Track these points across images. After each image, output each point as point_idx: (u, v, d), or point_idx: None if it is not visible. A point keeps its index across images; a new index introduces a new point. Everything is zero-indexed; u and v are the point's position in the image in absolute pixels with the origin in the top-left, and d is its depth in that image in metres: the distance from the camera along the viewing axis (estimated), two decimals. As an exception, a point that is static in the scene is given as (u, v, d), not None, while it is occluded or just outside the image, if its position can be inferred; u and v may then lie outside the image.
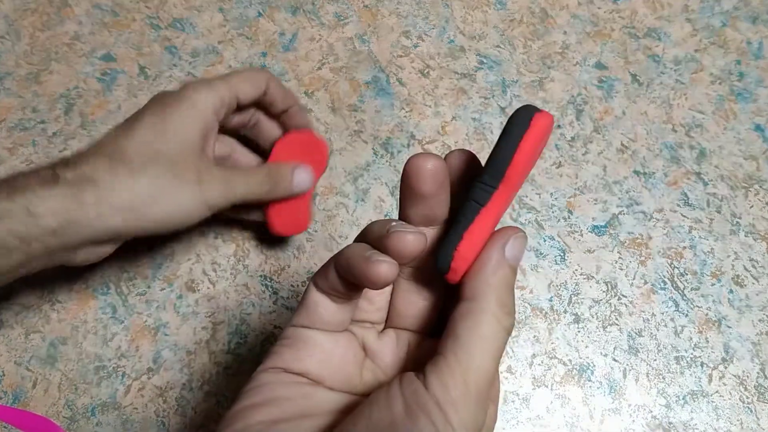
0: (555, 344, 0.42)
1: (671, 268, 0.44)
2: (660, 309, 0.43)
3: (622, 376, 0.42)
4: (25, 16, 0.51)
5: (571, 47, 0.51)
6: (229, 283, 0.43)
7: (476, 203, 0.22)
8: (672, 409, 0.41)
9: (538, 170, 0.47)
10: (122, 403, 0.40)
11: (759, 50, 0.51)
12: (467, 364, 0.20)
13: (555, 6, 0.52)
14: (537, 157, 0.22)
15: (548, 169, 0.47)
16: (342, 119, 0.48)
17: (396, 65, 0.50)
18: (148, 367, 0.41)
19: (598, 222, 0.46)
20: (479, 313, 0.20)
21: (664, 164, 0.47)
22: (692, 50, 0.51)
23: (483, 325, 0.20)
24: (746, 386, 0.42)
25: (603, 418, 0.41)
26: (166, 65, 0.49)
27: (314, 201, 0.46)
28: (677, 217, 0.46)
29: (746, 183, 0.47)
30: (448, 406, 0.19)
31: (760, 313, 0.43)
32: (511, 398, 0.41)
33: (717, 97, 0.49)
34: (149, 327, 0.42)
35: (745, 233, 0.45)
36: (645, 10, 0.52)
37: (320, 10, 0.52)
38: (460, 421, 0.19)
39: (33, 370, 0.41)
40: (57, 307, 0.42)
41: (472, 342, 0.20)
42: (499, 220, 0.22)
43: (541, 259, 0.44)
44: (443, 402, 0.19)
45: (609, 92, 0.49)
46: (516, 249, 0.22)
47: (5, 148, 0.46)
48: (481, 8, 0.52)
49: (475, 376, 0.20)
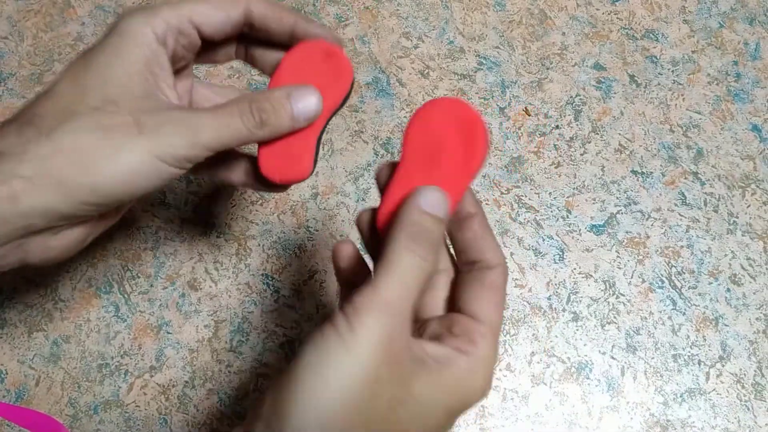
0: (554, 342, 0.43)
1: (669, 266, 0.45)
2: (658, 307, 0.44)
3: (620, 374, 0.42)
4: (28, 17, 0.51)
5: (570, 48, 0.51)
6: (231, 281, 0.44)
7: (390, 179, 0.27)
8: (670, 407, 0.41)
9: (537, 170, 0.47)
10: (125, 401, 0.41)
11: (756, 51, 0.52)
12: (374, 283, 0.22)
13: (554, 7, 0.53)
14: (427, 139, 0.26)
15: (547, 168, 0.47)
16: (343, 119, 0.48)
17: (396, 66, 0.50)
18: (150, 365, 0.42)
19: (596, 221, 0.46)
20: (387, 244, 0.23)
21: (661, 164, 0.48)
22: (689, 51, 0.51)
23: (390, 253, 0.23)
24: (743, 384, 0.42)
25: (601, 415, 0.41)
26: (168, 66, 0.50)
27: (316, 200, 0.46)
28: (675, 216, 0.46)
29: (743, 183, 0.47)
30: (352, 316, 0.21)
31: (757, 312, 0.44)
32: (510, 396, 0.41)
33: (714, 97, 0.50)
34: (152, 325, 0.42)
35: (742, 232, 0.46)
36: (643, 12, 0.53)
37: (321, 12, 0.52)
38: (363, 326, 0.21)
39: (36, 369, 0.41)
40: (60, 305, 0.43)
41: (379, 267, 0.23)
42: (413, 184, 0.25)
43: (540, 258, 0.45)
44: (349, 313, 0.21)
45: (607, 93, 0.50)
46: (424, 198, 0.24)
47: (8, 148, 0.47)
48: (481, 10, 0.52)
49: (377, 291, 0.22)
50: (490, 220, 0.45)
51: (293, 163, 0.30)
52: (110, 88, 0.26)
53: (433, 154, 0.26)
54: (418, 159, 0.27)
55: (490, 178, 0.47)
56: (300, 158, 0.30)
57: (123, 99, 0.26)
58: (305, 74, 0.30)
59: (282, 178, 0.30)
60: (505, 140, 0.48)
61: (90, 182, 0.25)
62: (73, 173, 0.25)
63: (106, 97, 0.25)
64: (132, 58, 0.26)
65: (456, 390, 0.23)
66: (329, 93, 0.29)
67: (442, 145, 0.26)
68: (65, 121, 0.25)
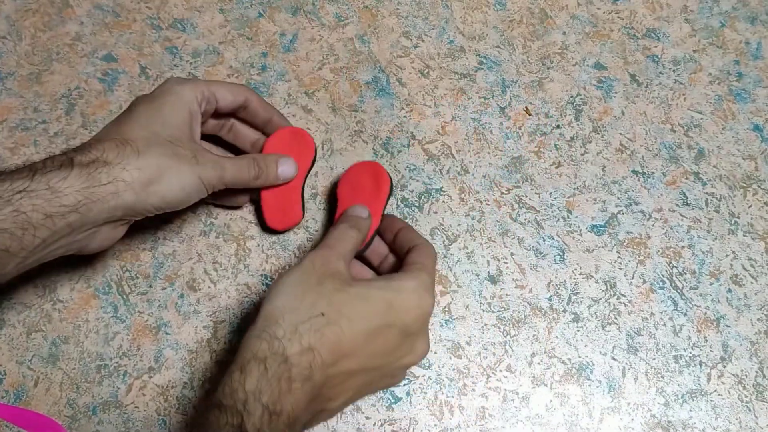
0: (554, 343, 0.43)
1: (670, 267, 0.45)
2: (659, 308, 0.44)
3: (621, 374, 0.42)
4: (26, 17, 0.51)
5: (571, 47, 0.51)
6: (230, 282, 0.44)
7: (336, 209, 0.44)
8: (671, 408, 0.41)
9: (538, 170, 0.47)
10: (124, 401, 0.40)
11: (757, 50, 0.51)
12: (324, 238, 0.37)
13: (554, 6, 0.52)
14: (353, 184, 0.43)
15: (547, 169, 0.47)
16: (342, 119, 0.48)
17: (396, 65, 0.50)
18: (149, 366, 0.41)
19: (597, 221, 0.46)
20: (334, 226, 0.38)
21: (662, 164, 0.47)
22: (691, 50, 0.51)
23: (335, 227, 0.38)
24: (745, 385, 0.42)
25: (602, 416, 0.41)
26: (167, 66, 0.50)
27: (315, 200, 0.46)
28: (676, 216, 0.46)
29: (744, 183, 0.47)
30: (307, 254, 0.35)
31: (758, 312, 0.44)
32: (511, 397, 0.41)
33: (715, 97, 0.50)
34: (150, 326, 0.42)
35: (744, 233, 0.46)
36: (644, 11, 0.53)
37: (320, 11, 0.52)
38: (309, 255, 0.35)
39: (35, 369, 0.41)
40: (59, 306, 0.43)
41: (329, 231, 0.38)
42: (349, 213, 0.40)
43: (541, 258, 0.45)
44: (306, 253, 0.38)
45: (608, 92, 0.50)
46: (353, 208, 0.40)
47: (7, 147, 0.46)
48: (481, 9, 0.52)
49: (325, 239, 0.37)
50: (490, 220, 0.45)
51: (288, 215, 0.43)
52: (173, 130, 0.37)
53: (358, 191, 0.42)
54: (349, 195, 0.42)
55: (491, 178, 0.47)
56: (292, 210, 0.43)
57: (182, 139, 0.37)
58: (283, 148, 0.43)
59: (282, 226, 0.44)
60: (506, 140, 0.48)
61: (161, 190, 0.35)
62: (153, 183, 0.35)
63: (172, 136, 0.37)
64: (184, 113, 0.38)
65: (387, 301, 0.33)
66: (301, 160, 0.43)
67: (362, 186, 0.42)
68: (151, 146, 0.35)
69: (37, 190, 0.32)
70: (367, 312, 0.33)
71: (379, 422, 0.41)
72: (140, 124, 0.36)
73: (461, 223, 0.45)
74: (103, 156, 0.34)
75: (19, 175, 0.32)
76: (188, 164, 0.36)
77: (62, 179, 0.32)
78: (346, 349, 0.32)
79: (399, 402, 0.41)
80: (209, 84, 0.40)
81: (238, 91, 0.41)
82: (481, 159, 0.47)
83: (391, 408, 0.41)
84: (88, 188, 0.33)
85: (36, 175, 0.32)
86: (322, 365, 0.31)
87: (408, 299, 0.34)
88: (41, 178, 0.32)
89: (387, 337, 0.33)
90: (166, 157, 0.35)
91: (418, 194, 0.46)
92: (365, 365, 0.33)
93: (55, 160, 0.33)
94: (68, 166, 0.33)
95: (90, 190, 0.33)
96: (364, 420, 0.41)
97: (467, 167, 0.47)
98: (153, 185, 0.35)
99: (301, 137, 0.44)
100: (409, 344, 0.35)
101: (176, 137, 0.37)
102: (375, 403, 0.41)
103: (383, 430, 0.41)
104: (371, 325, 0.32)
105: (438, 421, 0.41)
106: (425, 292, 0.35)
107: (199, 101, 0.39)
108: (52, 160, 0.33)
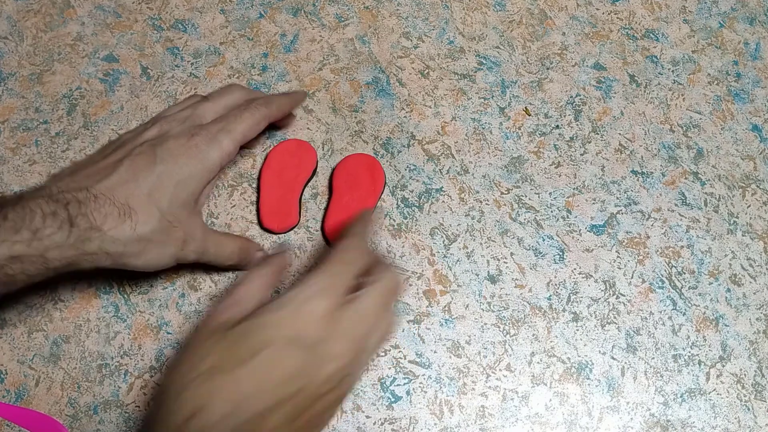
0: (554, 342, 0.43)
1: (669, 267, 0.45)
2: (658, 308, 0.44)
3: (620, 374, 0.42)
4: (27, 17, 0.51)
5: (570, 48, 0.51)
6: (230, 281, 0.44)
7: (329, 200, 0.45)
8: (670, 407, 0.41)
9: (537, 170, 0.47)
10: (125, 401, 0.41)
11: (756, 51, 0.51)
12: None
13: (554, 7, 0.53)
14: (349, 175, 0.45)
15: (547, 168, 0.47)
16: (343, 119, 0.48)
17: (396, 66, 0.50)
18: (150, 365, 0.41)
19: (596, 221, 0.46)
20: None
21: (661, 164, 0.48)
22: (690, 51, 0.51)
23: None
24: (743, 384, 0.42)
25: (601, 415, 0.41)
26: (168, 66, 0.50)
27: (315, 200, 0.46)
28: (675, 216, 0.46)
29: (743, 183, 0.47)
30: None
31: (757, 312, 0.44)
32: (510, 396, 0.41)
33: (714, 97, 0.50)
34: (151, 325, 0.42)
35: (743, 232, 0.46)
36: (643, 12, 0.53)
37: (321, 12, 0.52)
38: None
39: (36, 369, 0.41)
40: (60, 305, 0.43)
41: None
42: (344, 201, 0.45)
43: (540, 258, 0.45)
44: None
45: (607, 93, 0.50)
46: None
47: (8, 148, 0.47)
48: (481, 9, 0.52)
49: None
50: (490, 219, 0.45)
51: (285, 218, 0.45)
52: (181, 202, 0.38)
53: (353, 184, 0.45)
54: (344, 187, 0.45)
55: (490, 178, 0.47)
56: (289, 213, 0.45)
57: (184, 214, 0.38)
58: (286, 159, 0.45)
59: (279, 228, 0.45)
60: (505, 140, 0.48)
61: (137, 262, 0.37)
62: (134, 257, 0.37)
63: (173, 214, 0.37)
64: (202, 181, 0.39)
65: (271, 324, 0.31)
66: (302, 168, 0.45)
67: (358, 178, 0.45)
68: (148, 223, 0.36)
69: (31, 259, 0.33)
70: (252, 344, 0.30)
71: (379, 421, 0.41)
72: (148, 188, 0.37)
73: (461, 223, 0.46)
74: (102, 224, 0.35)
75: (19, 237, 0.33)
76: (174, 247, 0.38)
77: (57, 248, 0.34)
78: (244, 391, 0.29)
79: (399, 401, 0.41)
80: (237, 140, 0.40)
81: (261, 125, 0.42)
82: (481, 159, 0.47)
83: (392, 407, 0.41)
84: (76, 254, 0.34)
85: (34, 241, 0.33)
86: (221, 418, 0.28)
87: (292, 312, 0.31)
88: (37, 245, 0.33)
89: (284, 361, 0.30)
90: (155, 241, 0.37)
91: (418, 194, 0.46)
92: (277, 398, 0.29)
93: (57, 216, 0.34)
94: (67, 225, 0.34)
95: (77, 255, 0.34)
96: (365, 419, 0.41)
97: (467, 167, 0.47)
98: (132, 258, 0.36)
99: (305, 149, 0.46)
100: (316, 354, 0.30)
101: (177, 216, 0.38)
102: (375, 402, 0.41)
103: (383, 428, 0.41)
104: (261, 356, 0.29)
105: (438, 420, 0.41)
106: (314, 297, 0.31)
107: (222, 164, 0.40)
108: (53, 217, 0.34)
